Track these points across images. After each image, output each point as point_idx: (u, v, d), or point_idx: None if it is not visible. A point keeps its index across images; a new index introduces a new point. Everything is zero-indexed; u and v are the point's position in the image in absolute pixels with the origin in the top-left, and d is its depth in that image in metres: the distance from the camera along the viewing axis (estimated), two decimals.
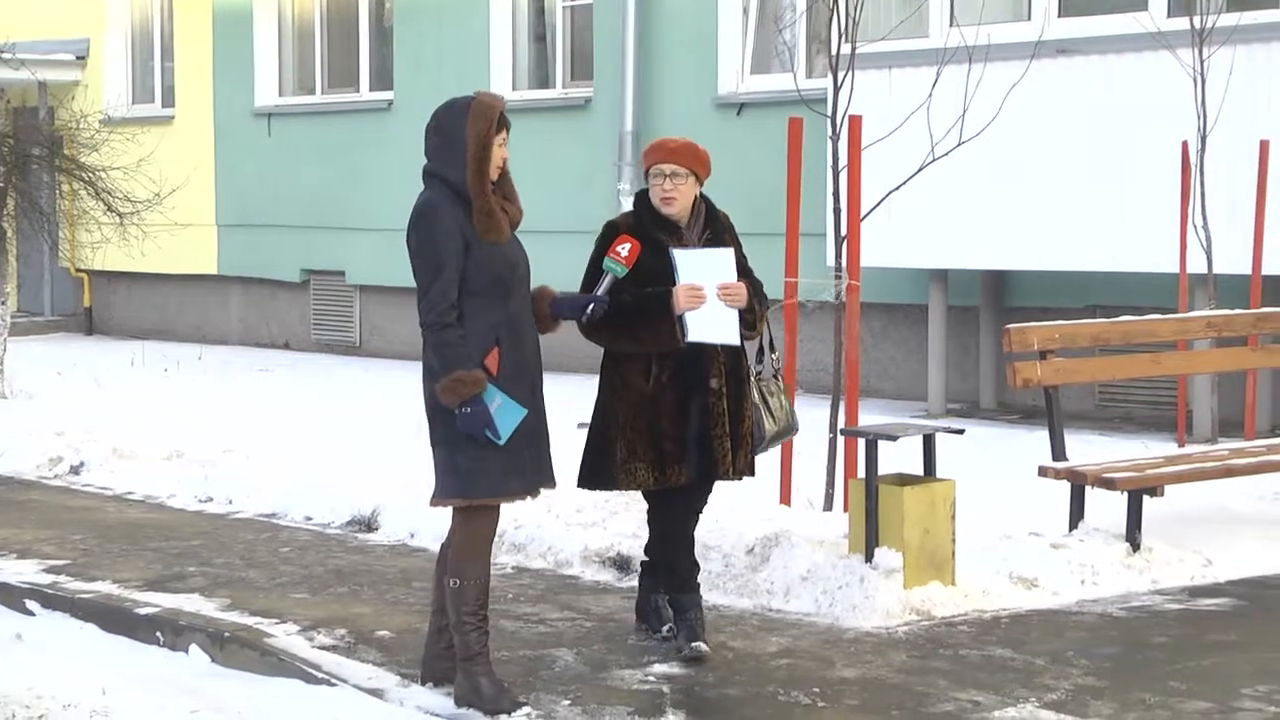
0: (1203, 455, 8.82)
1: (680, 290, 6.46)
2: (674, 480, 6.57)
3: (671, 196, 6.62)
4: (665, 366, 6.55)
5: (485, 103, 6.00)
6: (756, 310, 6.62)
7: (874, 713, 6.01)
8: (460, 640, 6.05)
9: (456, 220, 5.91)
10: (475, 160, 5.92)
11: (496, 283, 5.93)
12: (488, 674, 6.04)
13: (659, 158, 6.67)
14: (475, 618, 6.03)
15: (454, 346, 5.87)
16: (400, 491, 9.55)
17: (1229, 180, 10.90)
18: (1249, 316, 9.59)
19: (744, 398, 6.68)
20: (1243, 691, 6.14)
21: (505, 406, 5.88)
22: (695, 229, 6.68)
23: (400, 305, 17.47)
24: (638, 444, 6.55)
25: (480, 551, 6.05)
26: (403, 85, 17.21)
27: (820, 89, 11.01)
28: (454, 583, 6.04)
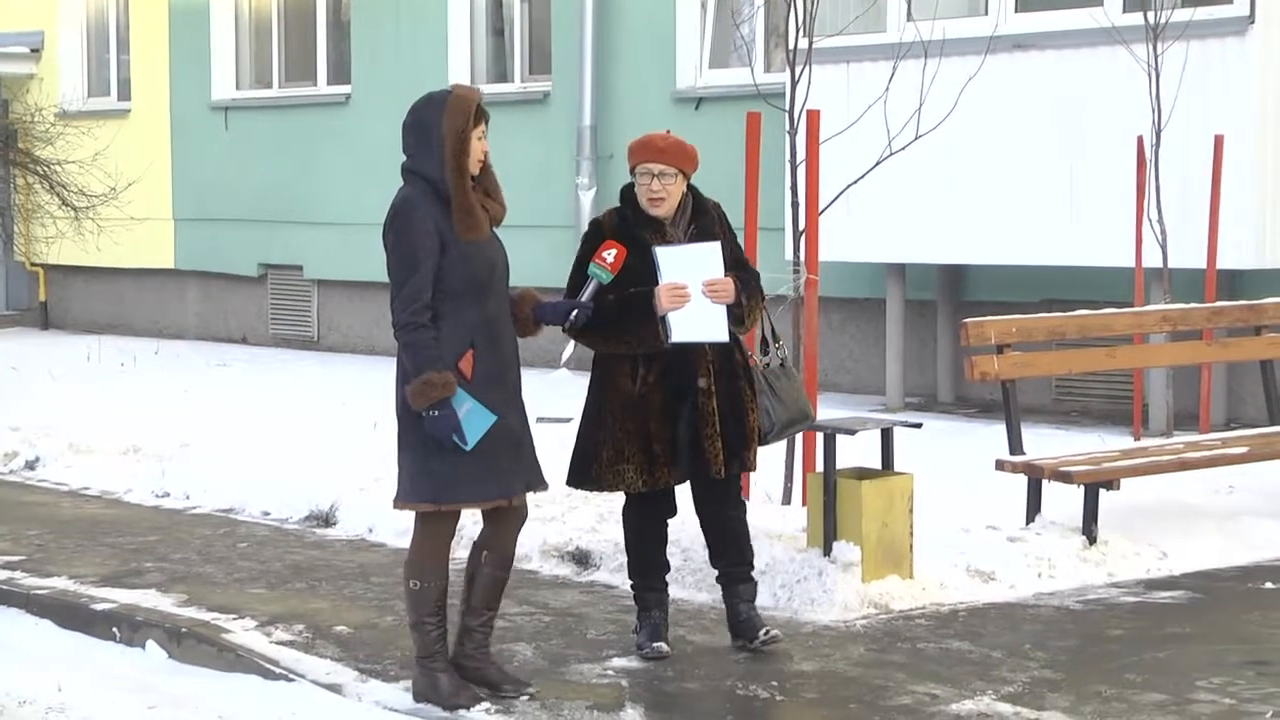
0: (1158, 449, 8.87)
1: (662, 290, 6.33)
2: (663, 482, 6.48)
3: (660, 197, 6.45)
4: (652, 368, 6.43)
5: (461, 96, 5.89)
6: (745, 304, 6.46)
7: (832, 706, 6.03)
8: (419, 639, 6.03)
9: (433, 218, 5.79)
10: (453, 155, 5.80)
11: (474, 283, 5.83)
12: (446, 670, 6.03)
13: (645, 157, 6.49)
14: (435, 618, 6.01)
15: (426, 348, 5.76)
16: (359, 486, 9.53)
17: (1183, 175, 10.96)
18: (1204, 310, 9.65)
19: (737, 395, 6.53)
20: (1197, 683, 6.18)
21: (474, 412, 5.79)
22: (681, 224, 6.53)
23: (358, 300, 17.43)
24: (626, 445, 6.43)
25: (442, 556, 6.03)
26: (360, 79, 17.16)
27: (778, 83, 11.02)
28: (415, 584, 6.01)
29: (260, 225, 18.04)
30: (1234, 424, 11.56)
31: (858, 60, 12.05)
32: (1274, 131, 11.14)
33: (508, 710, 5.98)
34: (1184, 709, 5.89)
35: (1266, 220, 11.16)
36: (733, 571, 6.74)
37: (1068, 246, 11.74)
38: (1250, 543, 8.42)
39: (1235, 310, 9.70)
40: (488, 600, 6.12)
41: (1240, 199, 10.98)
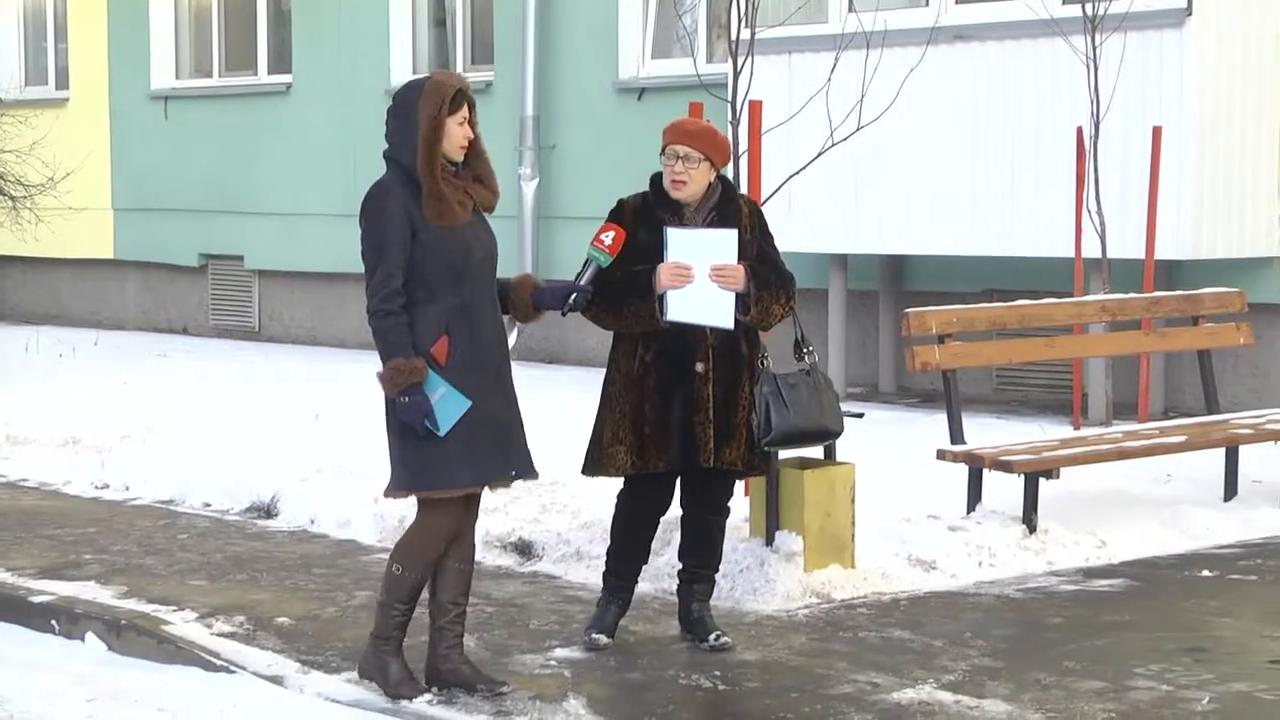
0: (1097, 438, 8.94)
1: (664, 268, 6.27)
2: (653, 466, 6.40)
3: (682, 180, 6.37)
4: (650, 348, 6.38)
5: (439, 82, 5.84)
6: (753, 293, 6.30)
7: (774, 695, 6.05)
8: (382, 619, 6.01)
9: (404, 204, 5.77)
10: (425, 142, 5.76)
11: (448, 269, 5.78)
12: (397, 657, 6.01)
13: (673, 139, 6.42)
14: (404, 605, 5.97)
15: (394, 333, 5.74)
16: (300, 478, 9.50)
17: (1122, 166, 11.03)
18: (1142, 300, 9.72)
19: (735, 385, 6.42)
20: (1135, 670, 6.23)
21: (448, 398, 5.74)
22: (703, 211, 6.44)
23: (300, 290, 17.36)
24: (621, 427, 6.39)
25: (431, 547, 5.94)
26: (301, 68, 17.07)
27: (720, 74, 11.03)
28: (397, 569, 5.96)
29: (201, 215, 17.93)
30: (1172, 413, 11.64)
31: (800, 51, 12.07)
32: (1211, 123, 11.23)
33: (450, 701, 5.97)
34: (1122, 696, 5.94)
35: (1204, 211, 11.24)
36: (696, 571, 6.69)
37: (1008, 237, 11.80)
38: (1188, 531, 8.50)
39: (1173, 300, 9.78)
40: (455, 594, 6.05)
41: (1178, 190, 11.06)
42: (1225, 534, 8.52)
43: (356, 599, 7.48)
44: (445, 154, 5.82)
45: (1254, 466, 9.15)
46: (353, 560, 8.26)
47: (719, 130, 6.53)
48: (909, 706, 5.87)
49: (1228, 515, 8.76)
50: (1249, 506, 8.90)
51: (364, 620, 7.11)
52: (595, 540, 7.96)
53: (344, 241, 16.52)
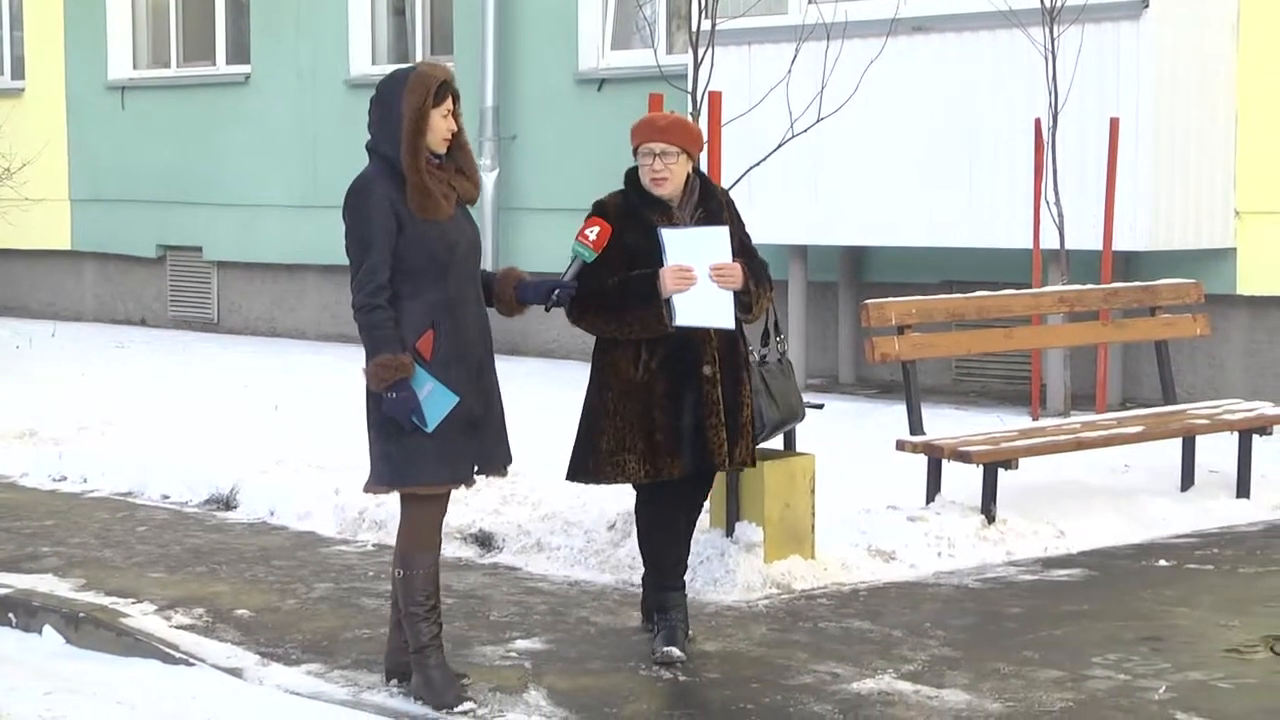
0: (1055, 428, 8.98)
1: (668, 272, 6.14)
2: (668, 473, 6.25)
3: (663, 177, 6.25)
4: (655, 353, 6.23)
5: (423, 73, 5.74)
6: (753, 291, 6.25)
7: (734, 686, 6.06)
8: (410, 630, 5.86)
9: (389, 197, 5.67)
10: (408, 134, 5.67)
11: (433, 263, 5.70)
12: (440, 665, 5.86)
13: (646, 136, 6.30)
14: (424, 607, 5.84)
15: (381, 329, 5.65)
16: (260, 469, 9.47)
17: (1080, 157, 11.08)
18: (1100, 291, 9.76)
19: (741, 384, 6.35)
20: (1093, 660, 6.27)
21: (435, 393, 5.66)
22: (688, 208, 6.33)
23: (259, 282, 17.30)
24: (627, 435, 6.23)
25: (427, 541, 5.86)
26: (260, 58, 17.01)
27: (681, 65, 11.03)
28: (399, 572, 5.86)
29: (158, 206, 17.85)
30: (1130, 404, 11.71)
31: (760, 42, 12.08)
32: (1168, 114, 11.29)
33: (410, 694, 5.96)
34: (1080, 685, 5.97)
35: (1161, 202, 11.30)
36: None
37: (967, 228, 11.84)
38: (1145, 521, 8.54)
39: (1131, 291, 9.82)
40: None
41: (1136, 181, 11.12)
42: (1182, 524, 8.57)
43: (316, 591, 7.46)
44: (429, 146, 5.74)
45: (1210, 456, 9.20)
46: (312, 552, 8.24)
47: (687, 119, 6.46)
48: (869, 696, 5.89)
49: (1184, 505, 8.81)
50: (1206, 496, 8.95)
51: (324, 612, 7.11)
52: (556, 532, 7.97)
53: (303, 232, 16.63)
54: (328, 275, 16.65)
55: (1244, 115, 11.62)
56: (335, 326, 16.61)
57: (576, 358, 13.91)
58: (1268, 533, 8.49)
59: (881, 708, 5.78)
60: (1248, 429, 9.02)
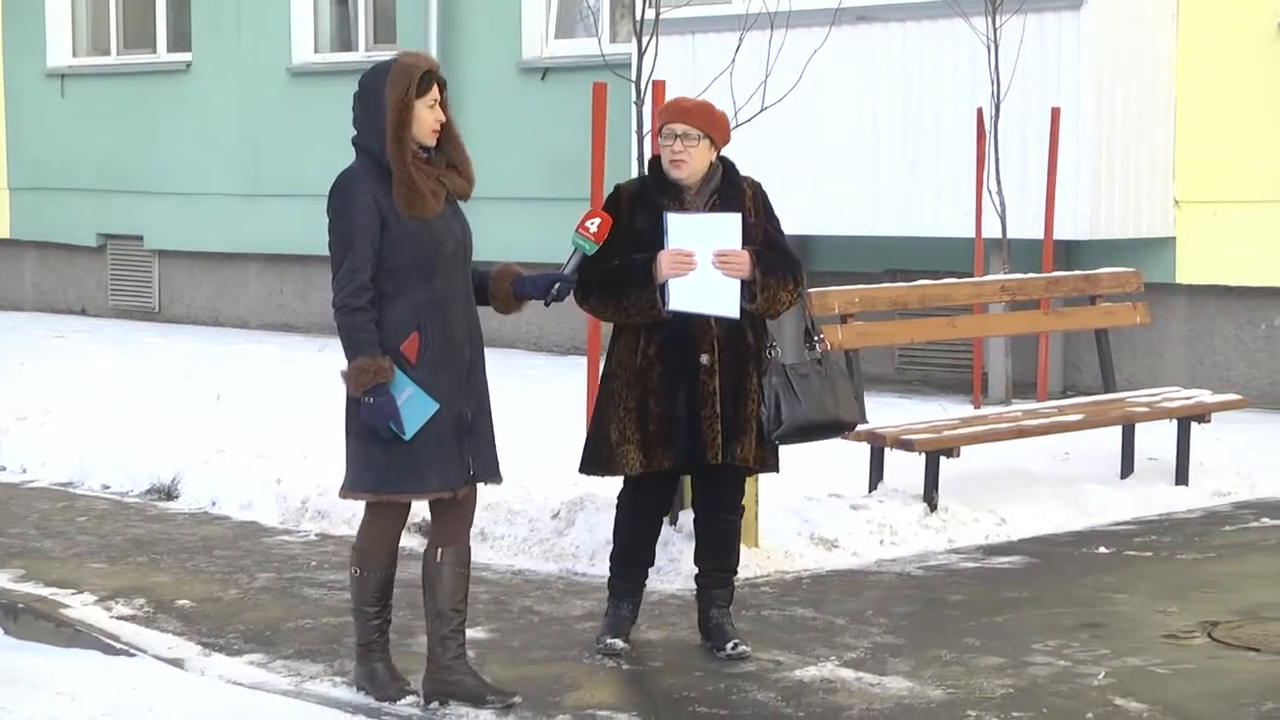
0: (997, 417, 9.02)
1: (664, 255, 5.97)
2: (658, 464, 6.08)
3: (681, 159, 6.07)
4: (653, 340, 6.06)
5: (405, 64, 5.52)
6: (760, 280, 6.00)
7: (678, 674, 6.07)
8: (359, 627, 5.77)
9: (373, 193, 5.46)
10: (393, 126, 5.44)
11: (420, 262, 5.48)
12: (383, 660, 5.78)
13: (670, 117, 6.13)
14: (375, 608, 5.72)
15: (360, 331, 5.42)
16: (201, 459, 9.43)
17: (1022, 147, 11.13)
18: (1041, 280, 9.82)
19: (742, 378, 6.11)
20: (1034, 646, 6.31)
21: (415, 399, 5.43)
22: (704, 194, 6.13)
23: (200, 271, 17.20)
24: (628, 425, 6.07)
25: (387, 544, 5.72)
26: (201, 47, 16.90)
27: (624, 54, 11.03)
28: (356, 571, 5.72)
29: (99, 195, 17.73)
30: (1070, 391, 11.79)
31: (704, 31, 12.09)
32: (1109, 104, 11.36)
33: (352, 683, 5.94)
34: (1020, 671, 6.01)
35: (1101, 192, 11.38)
36: (715, 575, 6.33)
37: (910, 217, 11.88)
38: (1085, 508, 8.60)
39: (1071, 280, 9.88)
40: (454, 600, 5.71)
41: (1076, 171, 11.19)
42: (1122, 511, 8.63)
43: (259, 581, 7.43)
44: (416, 139, 5.52)
45: (1150, 444, 9.27)
46: (255, 542, 8.21)
47: (716, 107, 6.28)
48: (811, 684, 5.91)
49: (1124, 492, 8.88)
50: (1145, 483, 9.02)
51: (266, 602, 7.09)
52: (499, 521, 7.96)
53: (245, 221, 16.55)
54: (270, 264, 16.59)
55: (1183, 105, 11.71)
56: (278, 316, 16.54)
57: (522, 347, 13.89)
58: (1206, 519, 8.56)
59: (824, 695, 5.80)
60: (1186, 417, 9.09)
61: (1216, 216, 11.62)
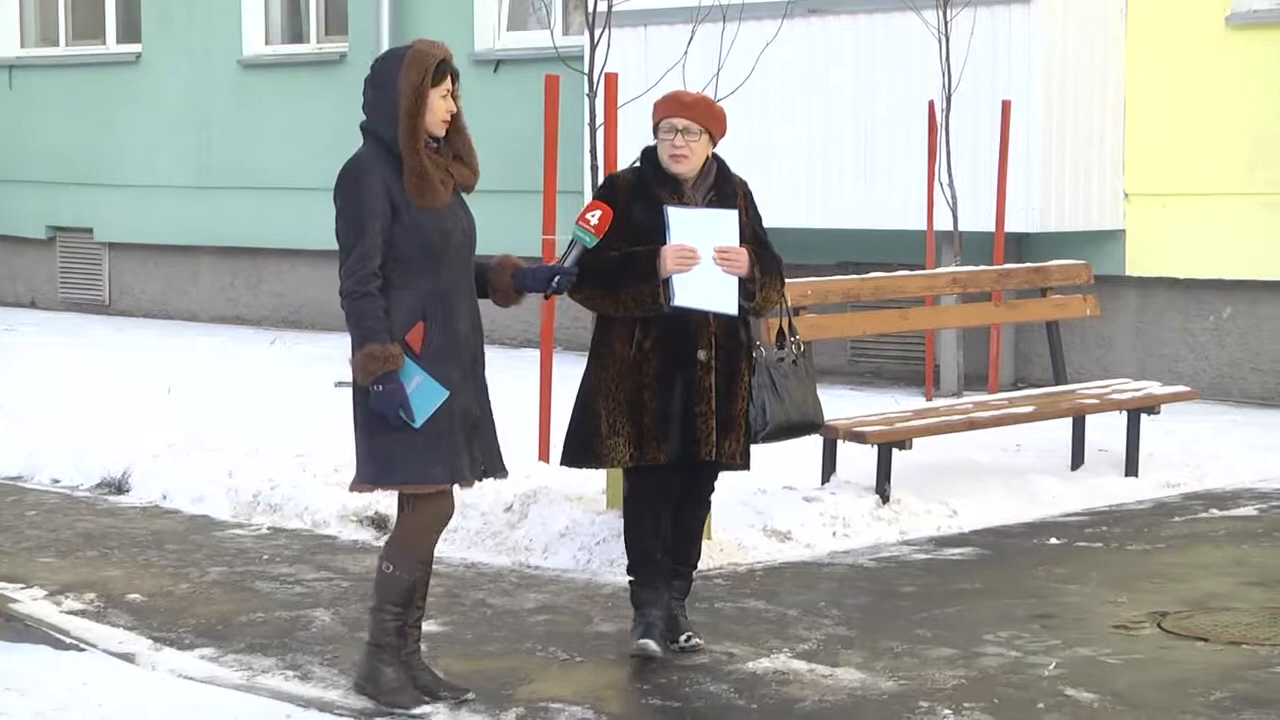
0: (949, 409, 9.06)
1: (669, 250, 5.93)
2: (651, 458, 6.01)
3: (682, 154, 6.04)
4: (650, 333, 6.00)
5: (422, 51, 5.45)
6: (758, 278, 6.03)
7: (630, 666, 6.08)
8: (375, 624, 5.60)
9: (384, 181, 5.39)
10: (406, 115, 5.37)
11: (427, 252, 5.41)
12: (393, 665, 5.59)
13: (671, 111, 6.09)
14: (396, 609, 5.56)
15: (369, 318, 5.34)
16: (152, 453, 9.37)
17: (973, 140, 11.18)
18: (992, 273, 9.86)
19: (738, 375, 6.10)
20: (985, 637, 6.34)
21: (424, 387, 5.37)
22: (701, 189, 6.12)
23: (151, 263, 17.12)
24: (618, 418, 6.01)
25: (421, 545, 5.57)
26: (151, 38, 16.80)
27: (577, 46, 11.02)
28: (387, 567, 5.55)
29: (48, 187, 17.61)
30: (1021, 383, 11.85)
31: (656, 24, 12.09)
32: (1059, 98, 11.42)
33: (305, 676, 5.93)
34: (972, 663, 6.04)
35: (1051, 184, 11.44)
36: (676, 568, 6.27)
37: (862, 210, 11.91)
38: (1036, 500, 8.65)
39: (1022, 272, 9.93)
40: (418, 596, 5.65)
41: (1027, 163, 11.25)
42: (1072, 502, 8.68)
43: (210, 575, 7.41)
44: (428, 129, 5.45)
45: (1100, 435, 9.32)
46: (206, 536, 8.18)
47: (714, 101, 6.26)
48: (764, 676, 5.93)
49: (1075, 484, 8.93)
50: (1095, 475, 9.08)
51: (218, 596, 7.06)
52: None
53: (197, 214, 16.47)
54: (222, 257, 16.51)
55: (1132, 99, 11.78)
56: (229, 309, 16.47)
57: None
58: (1155, 510, 8.62)
59: (777, 686, 5.82)
60: (1136, 408, 9.15)
61: (1165, 209, 11.70)
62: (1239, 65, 11.38)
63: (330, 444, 9.22)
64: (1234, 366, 11.63)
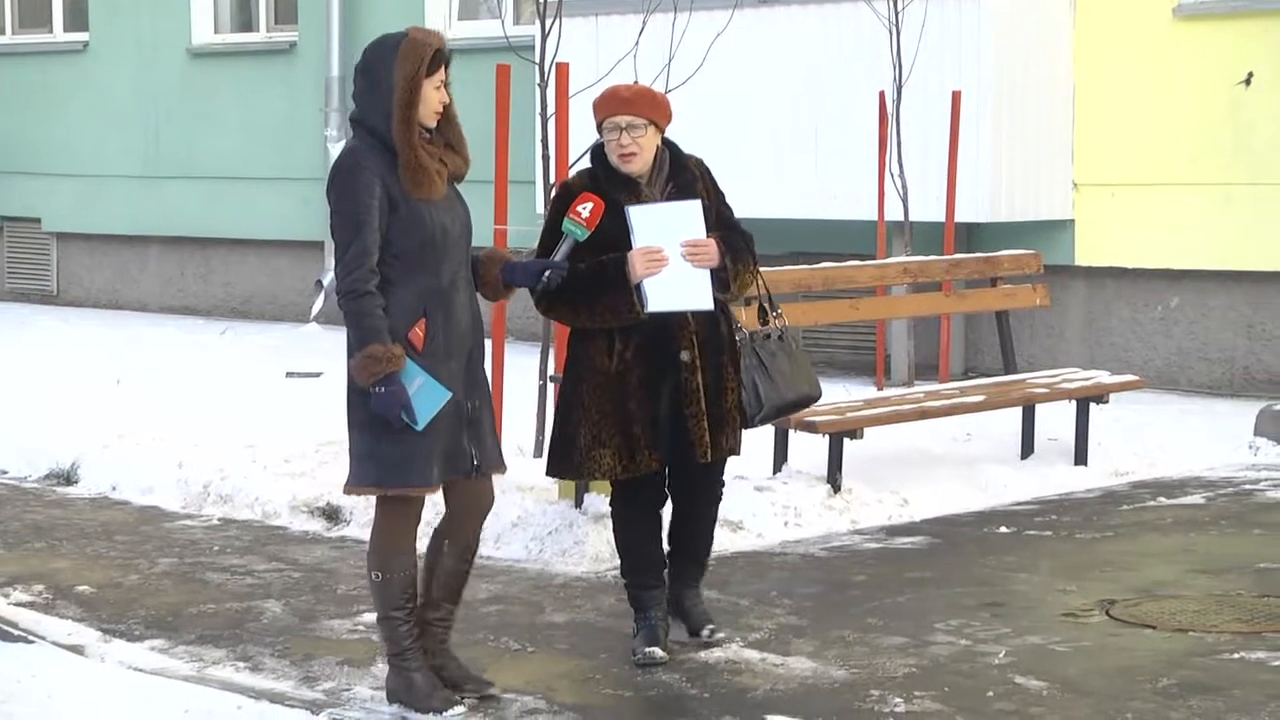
0: (900, 398, 9.09)
1: (636, 255, 5.74)
2: (645, 467, 5.88)
3: (631, 152, 5.85)
4: (629, 342, 5.84)
5: (416, 40, 5.33)
6: (730, 267, 5.86)
7: (583, 656, 6.09)
8: (387, 635, 5.49)
9: (380, 174, 5.25)
10: (400, 106, 5.24)
11: (427, 246, 5.29)
12: (421, 670, 5.49)
13: (611, 109, 5.88)
14: (404, 611, 5.45)
15: (370, 317, 5.19)
16: (101, 444, 9.32)
17: (923, 131, 11.21)
18: (943, 263, 9.89)
19: (724, 368, 5.95)
20: (935, 626, 6.36)
21: (427, 388, 5.23)
22: (658, 183, 5.94)
23: (100, 253, 17.01)
24: (603, 429, 5.84)
25: (405, 542, 5.46)
26: (98, 26, 16.69)
27: (528, 36, 11.02)
28: (377, 576, 5.43)
29: None
30: (972, 373, 11.89)
31: (607, 14, 12.09)
32: (1009, 88, 11.47)
33: (255, 668, 5.91)
34: (922, 651, 6.07)
35: (1001, 175, 11.49)
36: (687, 569, 6.20)
37: (813, 200, 11.93)
38: (986, 488, 8.69)
39: (972, 262, 9.97)
40: (447, 594, 5.58)
41: (977, 154, 11.29)
42: (1022, 491, 8.72)
43: (159, 566, 7.38)
44: (420, 120, 5.32)
45: (1049, 424, 9.37)
46: (156, 527, 8.15)
47: (653, 89, 6.09)
48: (716, 665, 5.94)
49: (1024, 472, 8.97)
50: (1045, 464, 9.12)
51: (168, 587, 7.04)
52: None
53: (145, 203, 16.37)
54: (170, 247, 16.42)
55: (1081, 89, 11.83)
56: (178, 299, 16.38)
57: None
58: (1104, 499, 8.67)
59: (729, 676, 5.83)
60: (1085, 397, 9.20)
61: (1114, 199, 11.76)
62: (1187, 57, 11.45)
63: (281, 435, 9.20)
64: (1181, 356, 11.71)
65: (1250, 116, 11.24)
